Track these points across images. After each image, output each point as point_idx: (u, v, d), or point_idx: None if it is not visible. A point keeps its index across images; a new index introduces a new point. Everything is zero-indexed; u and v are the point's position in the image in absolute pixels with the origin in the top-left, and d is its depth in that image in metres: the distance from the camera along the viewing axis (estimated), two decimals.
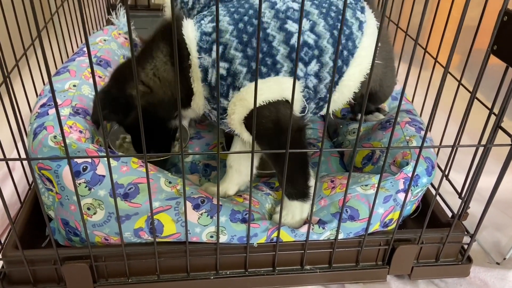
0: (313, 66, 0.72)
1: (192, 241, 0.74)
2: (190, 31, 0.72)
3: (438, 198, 0.91)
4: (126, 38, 1.15)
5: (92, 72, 0.52)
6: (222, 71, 0.71)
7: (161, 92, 0.76)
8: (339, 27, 0.74)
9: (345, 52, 0.74)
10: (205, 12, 0.78)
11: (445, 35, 0.93)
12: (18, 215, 0.82)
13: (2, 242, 0.75)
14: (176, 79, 0.53)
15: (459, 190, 0.87)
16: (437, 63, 0.96)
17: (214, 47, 0.70)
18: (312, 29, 0.72)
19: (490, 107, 0.77)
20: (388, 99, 1.10)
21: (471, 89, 0.76)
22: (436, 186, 0.78)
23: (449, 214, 0.88)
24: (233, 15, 0.72)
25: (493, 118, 0.74)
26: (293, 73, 0.72)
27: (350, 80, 0.76)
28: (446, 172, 0.91)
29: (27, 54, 0.91)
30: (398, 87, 1.12)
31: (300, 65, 0.72)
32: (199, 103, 0.76)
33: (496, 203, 0.80)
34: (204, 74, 0.71)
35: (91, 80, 0.91)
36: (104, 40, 1.07)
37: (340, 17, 0.75)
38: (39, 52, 0.95)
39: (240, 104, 0.70)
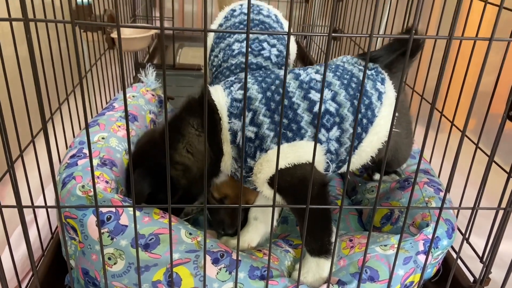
0: (335, 132, 0.77)
1: None
2: (221, 97, 0.78)
3: (459, 261, 0.89)
4: (153, 95, 1.21)
5: (127, 131, 0.55)
6: (251, 135, 0.75)
7: (195, 168, 0.81)
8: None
9: (365, 120, 0.78)
10: (232, 78, 0.84)
11: (459, 99, 0.96)
12: (40, 263, 0.83)
13: None
14: (205, 140, 0.58)
15: (480, 254, 0.85)
16: (453, 126, 0.98)
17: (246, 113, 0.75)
18: (333, 99, 0.77)
19: (508, 170, 0.78)
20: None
21: (485, 152, 0.77)
22: (457, 250, 0.77)
23: (471, 278, 0.86)
24: (261, 84, 0.78)
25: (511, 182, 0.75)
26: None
27: (367, 146, 0.80)
28: (467, 235, 0.90)
29: (61, 108, 0.97)
30: (416, 147, 1.14)
31: (323, 131, 0.76)
32: (227, 163, 0.80)
33: None
34: (233, 136, 0.76)
35: (119, 133, 0.96)
36: (133, 96, 1.13)
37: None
38: (72, 105, 1.01)
39: (266, 165, 0.74)
